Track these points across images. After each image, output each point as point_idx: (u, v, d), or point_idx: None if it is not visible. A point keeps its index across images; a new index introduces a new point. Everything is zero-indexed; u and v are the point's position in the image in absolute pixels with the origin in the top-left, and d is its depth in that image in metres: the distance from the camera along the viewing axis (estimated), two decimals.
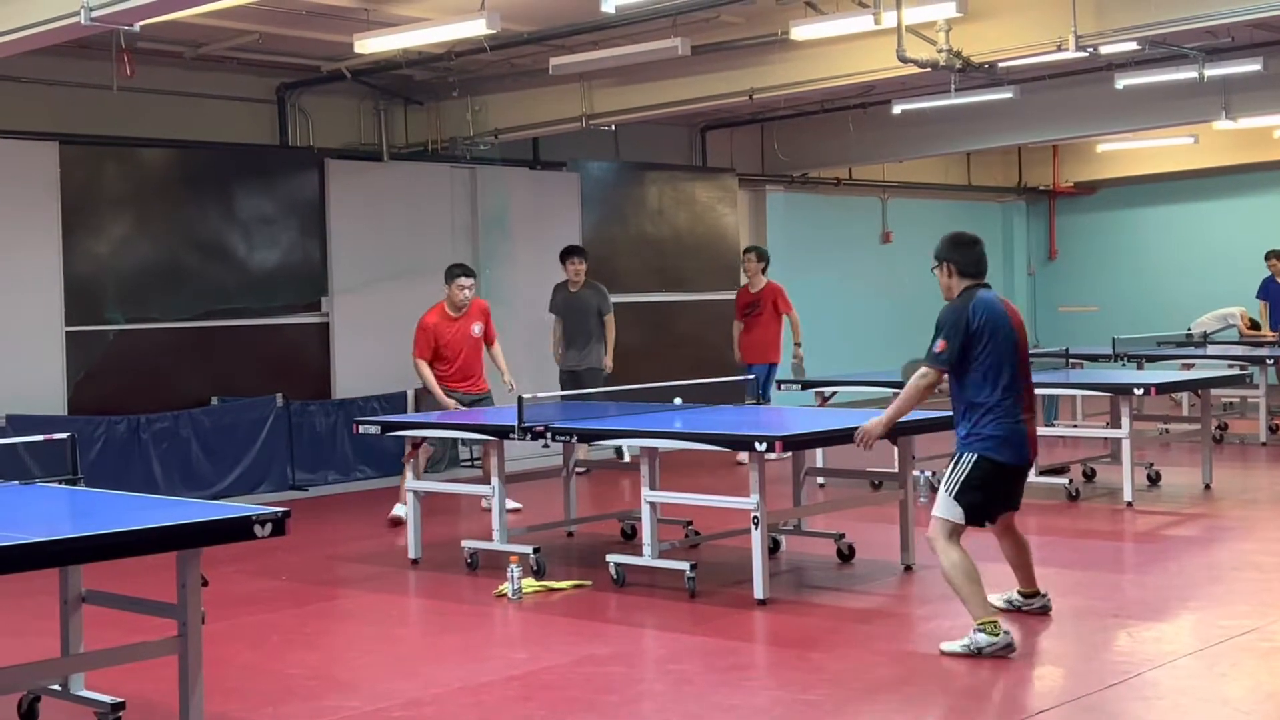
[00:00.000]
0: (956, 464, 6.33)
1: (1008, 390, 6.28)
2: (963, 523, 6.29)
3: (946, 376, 6.38)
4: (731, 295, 15.97)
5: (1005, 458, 6.28)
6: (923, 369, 6.37)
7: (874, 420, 6.63)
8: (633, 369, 12.88)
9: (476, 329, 10.29)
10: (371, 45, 9.94)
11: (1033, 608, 6.82)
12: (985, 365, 6.27)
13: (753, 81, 11.53)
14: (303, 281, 12.49)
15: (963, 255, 6.45)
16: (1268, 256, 15.62)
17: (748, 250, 13.56)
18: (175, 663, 4.73)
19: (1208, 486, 10.30)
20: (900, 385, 6.68)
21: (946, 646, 6.19)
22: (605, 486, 11.78)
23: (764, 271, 13.12)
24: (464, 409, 9.91)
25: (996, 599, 6.63)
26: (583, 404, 10.00)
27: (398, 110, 13.24)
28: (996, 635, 6.10)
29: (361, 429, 8.97)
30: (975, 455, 6.27)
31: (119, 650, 5.17)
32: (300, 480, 11.99)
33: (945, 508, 6.32)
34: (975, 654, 6.10)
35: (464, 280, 10.20)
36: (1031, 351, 6.66)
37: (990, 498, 6.33)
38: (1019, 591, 6.87)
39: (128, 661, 5.15)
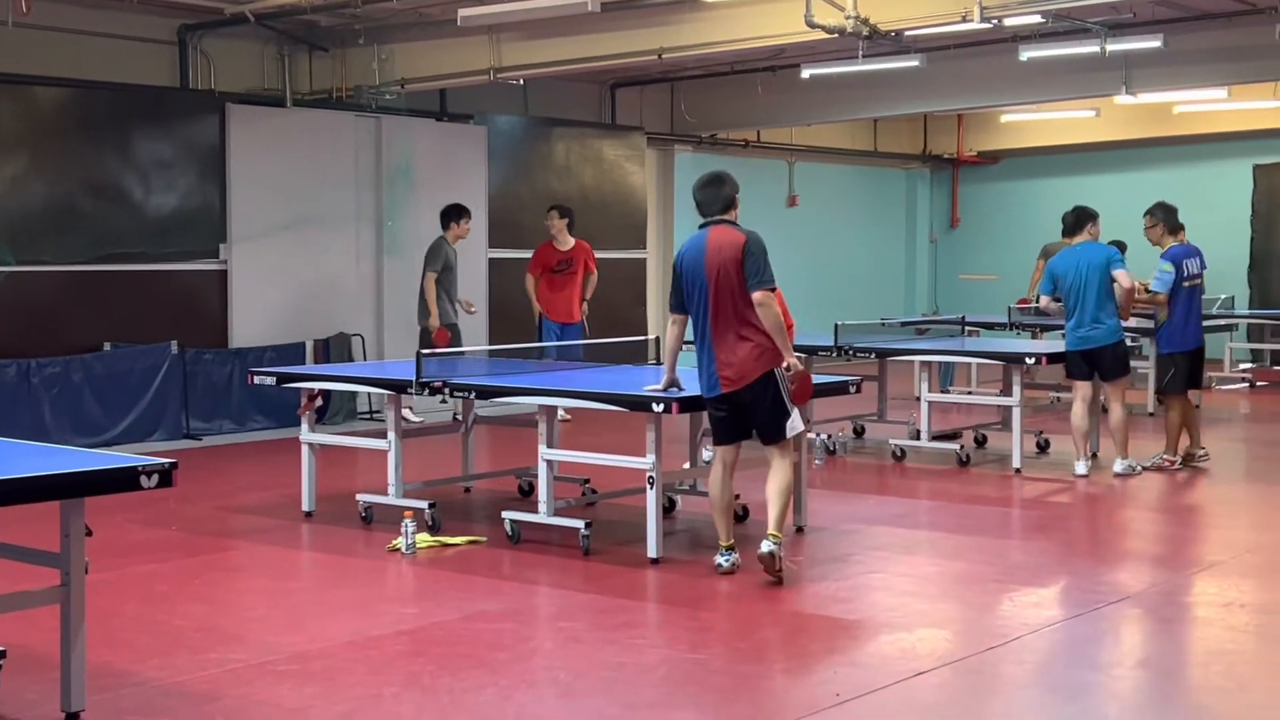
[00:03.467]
0: None
1: (700, 323, 6.82)
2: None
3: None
4: (639, 254, 16.05)
5: (700, 388, 6.94)
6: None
7: (795, 366, 6.88)
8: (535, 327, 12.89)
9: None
10: None
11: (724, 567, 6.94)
12: (689, 302, 6.85)
13: (662, 41, 11.51)
14: (201, 228, 12.27)
15: (696, 195, 6.97)
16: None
17: (551, 208, 12.99)
18: (58, 612, 4.67)
19: (1095, 455, 10.53)
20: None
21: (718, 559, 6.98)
22: (504, 443, 11.77)
23: (570, 229, 12.82)
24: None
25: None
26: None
27: (302, 56, 13.02)
28: (722, 557, 6.93)
29: (256, 379, 8.88)
30: None
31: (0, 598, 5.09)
32: (194, 429, 11.85)
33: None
34: (720, 571, 6.91)
35: None
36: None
37: (712, 422, 7.04)
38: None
39: (9, 610, 5.07)
